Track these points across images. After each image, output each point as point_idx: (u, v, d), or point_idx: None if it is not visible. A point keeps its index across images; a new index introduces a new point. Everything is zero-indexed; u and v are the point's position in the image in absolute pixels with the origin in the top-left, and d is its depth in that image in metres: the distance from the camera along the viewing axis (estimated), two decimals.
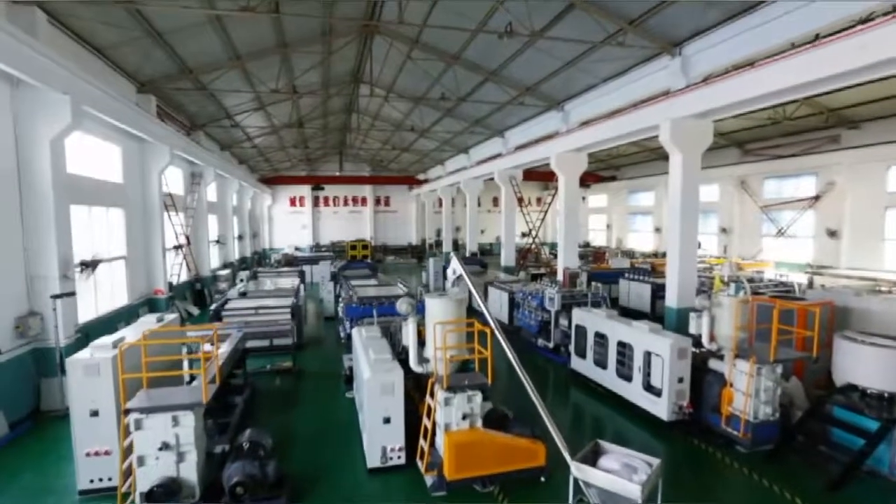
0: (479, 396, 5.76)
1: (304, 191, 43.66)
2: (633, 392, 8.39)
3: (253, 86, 16.46)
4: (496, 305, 15.28)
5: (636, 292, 16.51)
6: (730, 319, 7.29)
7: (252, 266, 29.18)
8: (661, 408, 7.66)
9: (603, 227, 40.42)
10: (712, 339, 7.56)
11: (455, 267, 6.39)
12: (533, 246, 25.58)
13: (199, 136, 20.11)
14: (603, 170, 38.60)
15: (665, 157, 33.48)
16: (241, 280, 20.59)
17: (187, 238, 17.88)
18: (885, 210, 20.31)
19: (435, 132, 26.72)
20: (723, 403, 7.34)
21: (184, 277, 18.89)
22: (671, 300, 11.99)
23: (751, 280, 15.89)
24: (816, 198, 23.12)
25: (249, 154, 31.87)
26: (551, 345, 11.89)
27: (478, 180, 27.54)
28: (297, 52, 15.21)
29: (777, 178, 25.32)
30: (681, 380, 7.58)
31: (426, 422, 5.98)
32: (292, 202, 44.46)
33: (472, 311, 8.34)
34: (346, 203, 45.39)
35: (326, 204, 45.19)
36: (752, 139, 25.21)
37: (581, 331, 10.11)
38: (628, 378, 8.49)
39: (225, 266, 26.23)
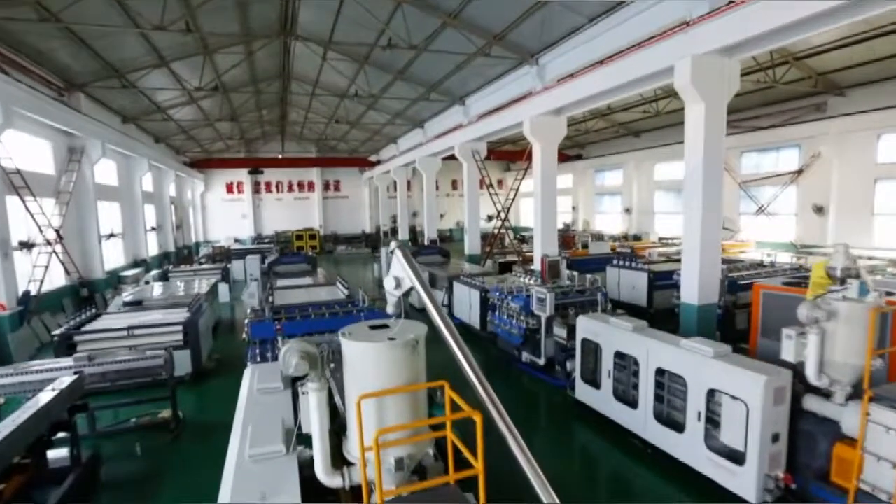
0: None
1: (243, 175, 38.96)
2: (687, 450, 5.49)
3: (133, 20, 12.23)
4: (464, 306, 12.16)
5: (629, 282, 13.86)
6: (852, 339, 4.50)
7: (173, 262, 24.86)
8: (744, 482, 4.80)
9: (569, 208, 38.21)
10: (821, 370, 4.76)
11: (399, 273, 3.17)
12: (501, 230, 22.65)
13: (78, 99, 15.64)
14: (568, 148, 36.21)
15: (634, 133, 31.57)
16: (147, 282, 16.63)
17: (58, 231, 13.62)
18: (875, 182, 18.88)
19: (386, 103, 23.10)
20: (843, 472, 4.57)
21: (61, 282, 14.66)
22: (690, 295, 9.29)
23: (760, 265, 13.59)
24: (799, 171, 21.50)
25: (169, 130, 27.07)
26: (541, 361, 8.93)
27: (435, 158, 24.24)
28: None
29: (756, 151, 23.58)
30: (776, 438, 4.74)
31: None
32: (229, 188, 39.66)
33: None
34: (290, 188, 41.00)
35: (269, 190, 40.68)
36: (730, 110, 23.26)
37: (590, 347, 7.16)
38: (677, 427, 5.59)
39: (136, 264, 21.86)
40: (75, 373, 6.44)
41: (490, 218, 31.54)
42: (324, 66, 19.16)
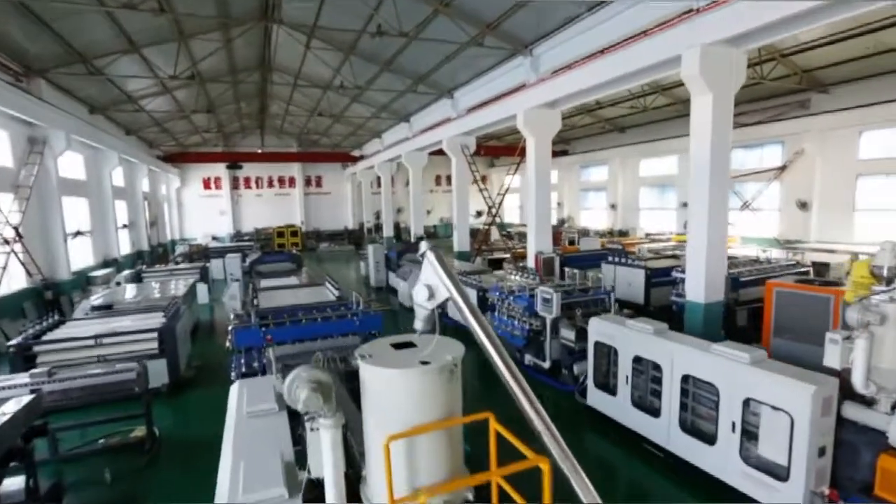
0: None
1: (221, 170, 37.64)
2: (719, 463, 5.09)
3: None
4: None
5: (625, 279, 13.57)
6: None
7: (147, 262, 23.67)
8: (788, 500, 4.42)
9: (554, 204, 38.03)
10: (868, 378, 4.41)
11: (432, 281, 2.60)
12: (489, 227, 22.20)
13: (39, 86, 14.51)
14: (554, 144, 35.92)
15: (620, 128, 31.48)
16: (119, 283, 15.63)
17: (16, 229, 12.58)
18: (857, 179, 19.10)
19: (371, 95, 22.36)
20: (890, 484, 4.23)
21: (21, 284, 13.61)
22: (696, 293, 8.97)
23: (756, 260, 13.50)
24: (783, 168, 21.66)
25: (141, 122, 25.78)
26: (546, 364, 8.49)
27: (422, 152, 23.63)
28: None
29: (741, 148, 23.69)
30: (822, 451, 4.38)
31: None
32: (206, 184, 38.23)
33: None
34: (271, 184, 39.81)
35: (248, 186, 39.41)
36: None
37: (603, 350, 6.73)
38: (707, 438, 5.20)
39: (106, 264, 20.68)
40: (32, 391, 5.70)
41: (479, 214, 31.11)
42: (307, 56, 18.34)
